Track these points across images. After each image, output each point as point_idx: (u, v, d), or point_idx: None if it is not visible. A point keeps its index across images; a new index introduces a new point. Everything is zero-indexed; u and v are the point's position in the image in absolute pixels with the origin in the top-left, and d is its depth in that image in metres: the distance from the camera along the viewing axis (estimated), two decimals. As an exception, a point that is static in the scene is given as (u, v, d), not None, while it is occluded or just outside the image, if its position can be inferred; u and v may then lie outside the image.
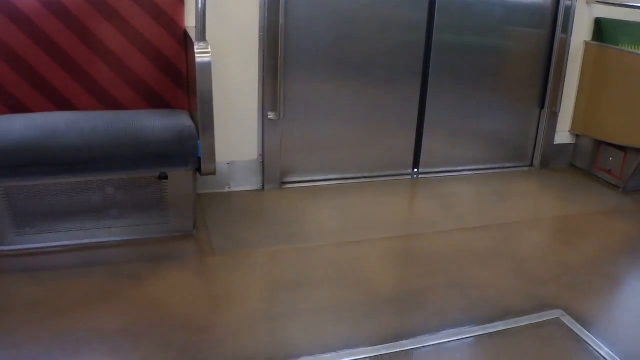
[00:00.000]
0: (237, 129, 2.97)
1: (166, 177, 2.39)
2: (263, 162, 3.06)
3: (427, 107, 3.38)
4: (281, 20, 2.82)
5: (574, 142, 3.85)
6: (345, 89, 3.18)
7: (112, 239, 2.43)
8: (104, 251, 2.38)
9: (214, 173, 2.42)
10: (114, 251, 2.39)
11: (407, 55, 3.25)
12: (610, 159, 3.60)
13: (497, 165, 3.73)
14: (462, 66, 3.41)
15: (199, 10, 2.32)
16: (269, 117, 2.97)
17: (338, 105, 3.19)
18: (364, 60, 3.17)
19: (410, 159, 3.47)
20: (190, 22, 2.62)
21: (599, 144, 3.69)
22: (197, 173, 2.45)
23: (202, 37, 2.34)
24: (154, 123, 2.35)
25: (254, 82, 2.93)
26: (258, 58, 2.90)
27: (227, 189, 3.04)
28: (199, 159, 2.37)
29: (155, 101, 2.66)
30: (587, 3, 3.58)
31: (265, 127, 3.00)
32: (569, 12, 3.50)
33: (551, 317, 2.10)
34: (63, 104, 2.54)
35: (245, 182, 3.07)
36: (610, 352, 1.91)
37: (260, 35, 2.87)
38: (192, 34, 2.43)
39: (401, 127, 3.39)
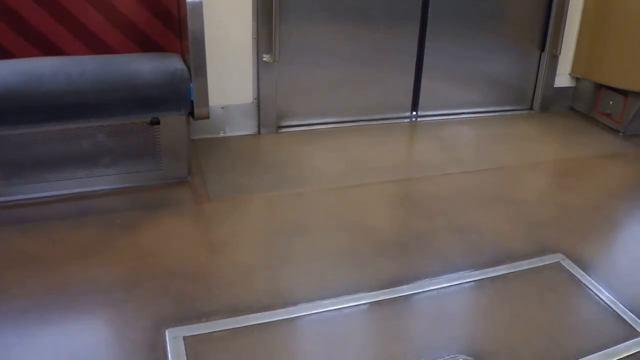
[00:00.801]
0: (231, 72, 2.88)
1: (158, 123, 2.32)
2: (259, 106, 2.99)
3: (426, 50, 3.30)
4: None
5: (574, 86, 3.78)
6: (343, 31, 3.08)
7: (105, 187, 2.38)
8: (96, 200, 2.33)
9: (207, 117, 2.35)
10: (106, 200, 2.34)
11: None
12: (611, 102, 3.54)
13: (497, 109, 3.67)
14: (461, 9, 3.31)
15: (189, -51, 2.19)
16: (264, 59, 2.88)
17: (335, 48, 3.09)
18: (362, 2, 3.06)
19: (409, 102, 3.40)
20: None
21: (599, 87, 3.62)
22: (191, 118, 2.38)
23: (192, -24, 2.23)
24: (144, 66, 2.27)
25: (248, 24, 2.83)
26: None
27: (222, 134, 2.98)
28: (192, 102, 2.30)
29: (146, 44, 2.58)
30: (591, -59, 3.44)
31: (260, 69, 2.91)
32: (572, -48, 3.37)
33: (552, 261, 2.08)
34: (49, 48, 2.44)
35: (241, 127, 3.00)
36: (610, 296, 1.90)
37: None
38: (184, -26, 2.31)
39: (400, 70, 3.31)
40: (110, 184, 2.38)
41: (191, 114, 2.35)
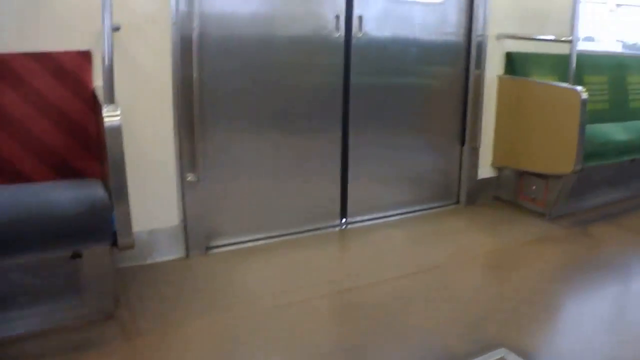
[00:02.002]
0: (154, 194, 2.85)
1: (80, 256, 2.24)
2: (185, 228, 2.96)
3: (350, 153, 3.42)
4: (195, 74, 2.77)
5: (497, 175, 4.02)
6: (266, 141, 3.16)
7: (21, 331, 2.23)
8: (12, 347, 2.18)
9: (132, 246, 2.28)
10: (25, 345, 2.19)
11: (326, 100, 3.30)
12: (534, 187, 3.79)
13: (424, 206, 3.82)
14: (382, 108, 3.49)
15: (106, 68, 2.16)
16: (188, 179, 2.89)
17: (260, 160, 3.16)
18: (283, 110, 3.18)
19: (337, 209, 3.48)
20: (99, 80, 2.48)
21: (521, 174, 3.88)
22: (115, 248, 2.31)
23: (110, 97, 2.20)
24: (62, 196, 2.20)
25: (169, 143, 2.85)
26: (173, 117, 2.83)
27: (149, 260, 2.90)
28: (115, 232, 2.24)
29: (63, 170, 2.51)
30: (497, 39, 3.79)
31: (184, 189, 2.91)
32: (481, 48, 3.71)
33: (496, 357, 2.12)
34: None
35: (169, 251, 2.94)
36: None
37: (174, 91, 2.79)
38: (101, 93, 2.32)
39: (326, 176, 3.40)
40: (28, 326, 2.24)
41: (115, 244, 2.29)
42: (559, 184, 3.63)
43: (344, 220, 3.50)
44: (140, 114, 2.74)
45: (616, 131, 3.86)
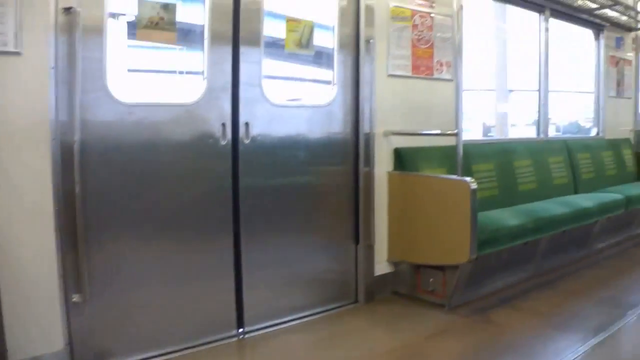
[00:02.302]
0: (36, 318, 2.83)
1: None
2: (72, 352, 2.94)
3: (244, 258, 3.53)
4: (77, 188, 2.86)
5: (394, 270, 4.25)
6: (156, 251, 3.22)
7: None
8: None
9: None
10: None
11: (216, 206, 3.42)
12: (431, 280, 4.03)
13: (323, 308, 3.94)
14: (273, 210, 3.67)
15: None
16: (74, 299, 2.91)
17: (150, 271, 3.20)
18: (172, 218, 3.27)
19: (233, 319, 3.52)
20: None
21: (417, 267, 4.12)
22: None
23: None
24: None
25: (51, 262, 2.86)
26: (54, 234, 2.86)
27: (33, 390, 2.87)
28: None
29: None
30: (385, 135, 4.15)
31: (70, 311, 2.92)
32: (369, 146, 4.04)
33: None
34: None
35: (54, 379, 2.92)
36: None
37: (55, 207, 2.85)
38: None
39: (219, 283, 3.46)
40: None
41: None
42: (455, 274, 3.88)
43: (240, 330, 3.54)
44: (18, 233, 2.77)
45: (507, 216, 4.23)
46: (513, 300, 4.18)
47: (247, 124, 3.48)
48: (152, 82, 3.47)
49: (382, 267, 4.20)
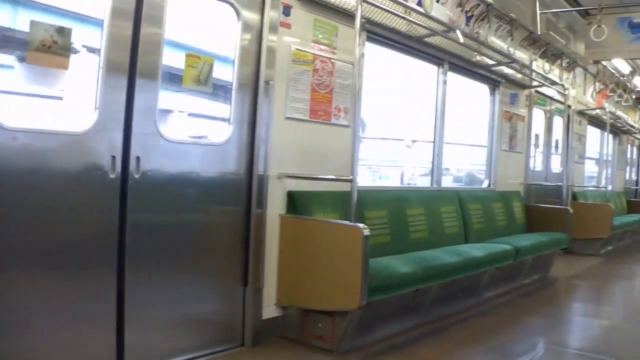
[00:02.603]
0: None
1: None
2: None
3: (127, 297, 3.48)
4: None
5: (282, 314, 4.33)
6: (35, 288, 3.12)
7: None
8: None
9: None
10: None
11: (100, 242, 3.37)
12: (320, 325, 4.13)
13: (210, 350, 3.95)
14: (161, 249, 3.68)
15: None
16: None
17: (29, 310, 3.09)
18: (53, 253, 3.19)
19: (112, 360, 3.48)
20: None
21: (307, 312, 4.21)
22: None
23: None
24: None
25: None
26: None
27: None
28: None
29: None
30: (279, 178, 4.26)
31: None
32: (262, 187, 4.13)
33: None
34: None
35: None
36: None
37: None
38: None
39: (99, 323, 3.40)
40: None
41: None
42: (345, 319, 4.00)
43: (120, 372, 3.50)
44: None
45: (399, 264, 4.39)
46: (403, 347, 4.33)
47: (138, 158, 3.49)
48: (39, 107, 3.40)
49: (270, 310, 4.25)
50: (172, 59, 3.70)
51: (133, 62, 3.47)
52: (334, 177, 4.44)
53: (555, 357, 4.43)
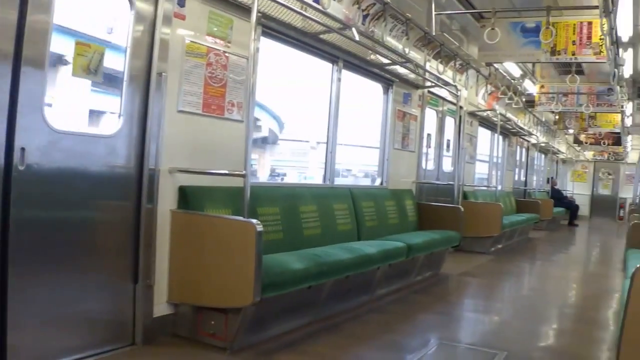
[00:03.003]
0: None
1: None
2: None
3: (10, 295, 3.43)
4: None
5: (174, 312, 4.38)
6: None
7: None
8: None
9: None
10: None
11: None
12: (213, 322, 4.22)
13: (99, 350, 3.94)
14: (48, 245, 3.65)
15: None
16: None
17: None
18: None
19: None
20: None
21: (199, 309, 4.29)
22: None
23: None
24: None
25: None
26: None
27: None
28: None
29: None
30: (170, 172, 4.32)
31: None
32: (153, 182, 4.17)
33: None
34: None
35: None
36: None
37: None
38: None
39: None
40: None
41: None
42: (238, 316, 4.09)
43: (1, 378, 3.43)
44: None
45: (292, 260, 4.53)
46: (297, 344, 4.48)
47: (23, 149, 3.45)
48: None
49: (162, 308, 4.29)
50: (62, 46, 3.69)
51: (18, 50, 3.42)
52: (226, 171, 4.55)
53: (448, 352, 4.64)
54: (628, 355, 3.24)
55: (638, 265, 3.23)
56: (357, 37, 5.91)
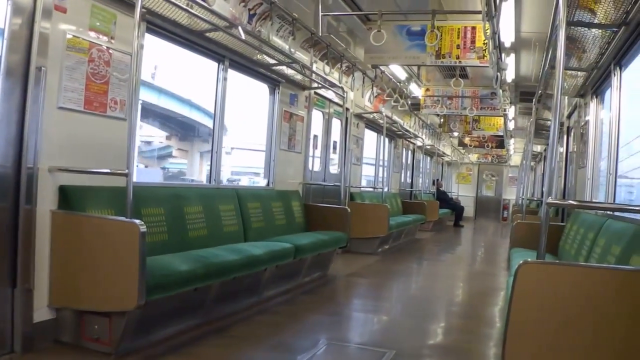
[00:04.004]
0: None
1: None
2: None
3: None
4: None
5: (55, 317, 4.33)
6: None
7: None
8: None
9: None
10: None
11: None
12: (96, 327, 4.21)
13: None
14: None
15: None
16: None
17: None
18: None
19: None
20: None
21: (82, 313, 4.26)
22: None
23: None
24: None
25: None
26: None
27: None
28: None
29: None
30: (50, 171, 4.27)
31: None
32: (32, 181, 4.11)
33: None
34: None
35: None
36: None
37: None
38: None
39: None
40: None
41: None
42: (123, 320, 4.10)
43: None
44: None
45: (177, 262, 4.57)
46: (185, 347, 4.52)
47: None
48: None
49: (42, 313, 4.23)
50: None
51: None
52: (108, 170, 4.53)
53: (337, 352, 4.79)
54: (513, 349, 3.42)
55: (521, 262, 3.43)
56: (243, 36, 6.03)
